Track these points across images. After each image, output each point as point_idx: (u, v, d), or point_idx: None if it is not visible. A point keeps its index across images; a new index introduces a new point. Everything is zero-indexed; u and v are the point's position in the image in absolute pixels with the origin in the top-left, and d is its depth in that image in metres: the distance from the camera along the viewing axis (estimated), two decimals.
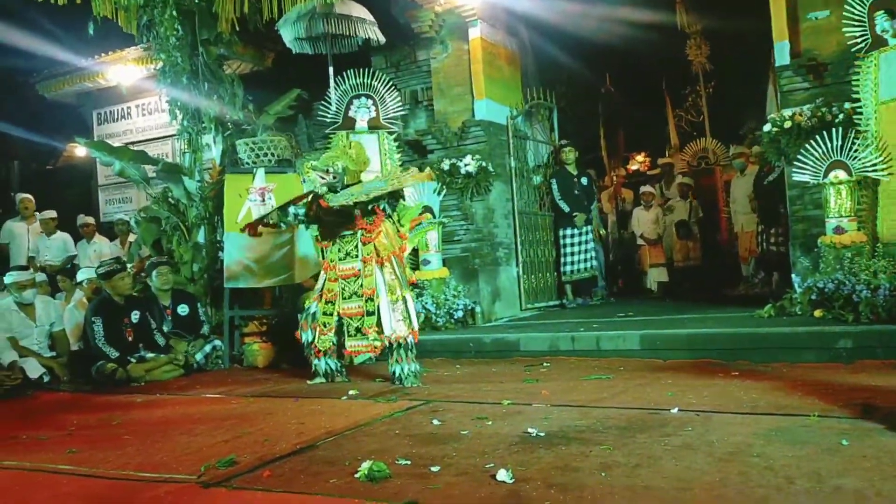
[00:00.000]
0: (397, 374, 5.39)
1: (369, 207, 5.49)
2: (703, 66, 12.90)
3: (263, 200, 7.42)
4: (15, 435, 4.54)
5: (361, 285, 5.50)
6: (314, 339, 5.65)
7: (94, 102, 12.00)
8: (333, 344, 5.62)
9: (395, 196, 5.65)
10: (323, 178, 5.49)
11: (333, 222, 5.62)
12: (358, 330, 5.51)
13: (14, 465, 3.72)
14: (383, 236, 5.55)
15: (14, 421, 5.10)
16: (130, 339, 6.80)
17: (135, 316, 6.91)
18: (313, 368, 5.73)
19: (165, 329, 7.12)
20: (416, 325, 5.48)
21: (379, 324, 5.41)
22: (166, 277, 7.30)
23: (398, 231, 5.72)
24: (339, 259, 5.62)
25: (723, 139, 11.91)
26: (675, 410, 3.86)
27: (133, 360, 6.66)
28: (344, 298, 5.57)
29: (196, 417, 4.72)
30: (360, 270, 5.53)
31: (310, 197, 5.66)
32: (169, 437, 4.12)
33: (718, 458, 2.97)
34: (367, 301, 5.47)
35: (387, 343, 5.39)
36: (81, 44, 10.60)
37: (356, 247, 5.57)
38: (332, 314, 5.59)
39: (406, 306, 5.43)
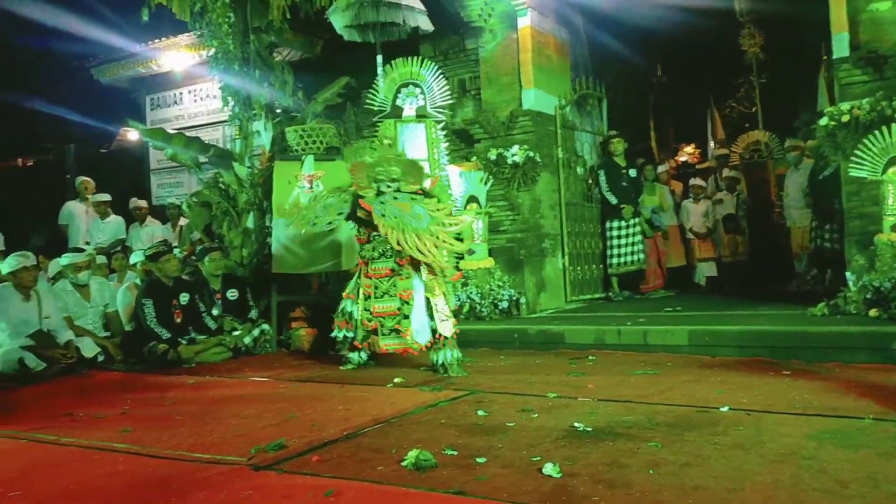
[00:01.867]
0: (440, 362, 5.43)
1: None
2: (756, 56, 12.61)
3: (311, 187, 7.47)
4: (71, 412, 4.68)
5: (395, 286, 5.58)
6: (355, 335, 5.76)
7: (148, 87, 12.22)
8: (367, 336, 5.73)
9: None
10: (388, 187, 5.55)
11: (369, 223, 5.65)
12: (393, 330, 5.58)
13: (71, 441, 3.84)
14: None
15: (70, 398, 5.26)
16: (179, 320, 6.94)
17: (184, 298, 7.05)
18: (345, 358, 5.90)
19: (215, 313, 7.26)
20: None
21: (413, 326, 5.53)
22: (218, 263, 7.45)
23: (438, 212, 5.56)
24: (373, 258, 5.67)
25: (776, 131, 11.64)
26: (725, 409, 3.81)
27: (183, 341, 6.81)
28: (377, 297, 5.62)
29: (245, 400, 4.81)
30: (393, 270, 5.61)
31: (349, 194, 5.79)
32: (219, 419, 4.21)
33: (770, 459, 2.92)
34: (403, 304, 5.55)
35: (427, 343, 5.53)
36: (135, 29, 10.81)
37: (392, 248, 5.55)
38: (370, 310, 5.66)
39: (447, 303, 5.56)
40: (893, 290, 5.67)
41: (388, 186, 5.57)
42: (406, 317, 5.52)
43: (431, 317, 5.54)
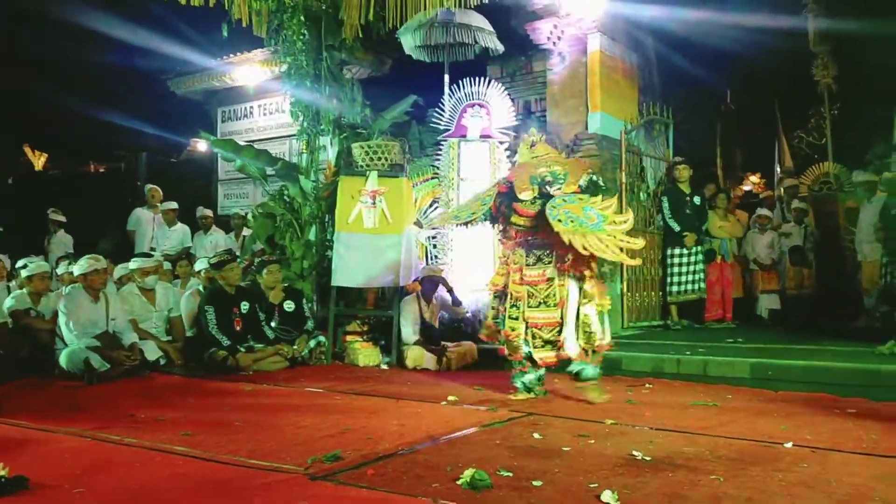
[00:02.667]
0: (576, 371, 5.09)
1: None
2: (828, 87, 12.32)
3: (374, 203, 7.57)
4: (134, 414, 4.80)
5: (554, 294, 5.07)
6: (509, 345, 5.24)
7: (220, 100, 12.55)
8: (525, 347, 5.18)
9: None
10: (558, 189, 5.10)
11: (526, 227, 5.22)
12: (548, 342, 5.12)
13: (134, 442, 3.94)
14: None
15: (133, 400, 5.39)
16: (239, 328, 7.06)
17: (244, 307, 7.18)
18: (515, 383, 5.28)
19: (273, 324, 7.37)
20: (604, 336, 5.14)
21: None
22: (276, 276, 7.54)
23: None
24: (528, 264, 5.16)
25: (846, 164, 11.33)
26: (788, 445, 3.70)
27: (242, 349, 6.93)
28: (530, 307, 5.11)
29: (301, 409, 4.87)
30: (551, 278, 5.09)
31: (493, 193, 5.37)
32: (276, 427, 4.27)
33: (837, 499, 2.84)
34: (561, 312, 5.06)
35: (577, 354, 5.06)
36: (211, 44, 11.15)
37: (550, 252, 5.11)
38: (517, 318, 5.13)
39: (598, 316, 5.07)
40: None
41: (552, 187, 5.10)
42: (563, 326, 5.04)
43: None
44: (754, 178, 15.34)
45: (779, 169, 13.27)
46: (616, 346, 7.35)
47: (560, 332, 5.04)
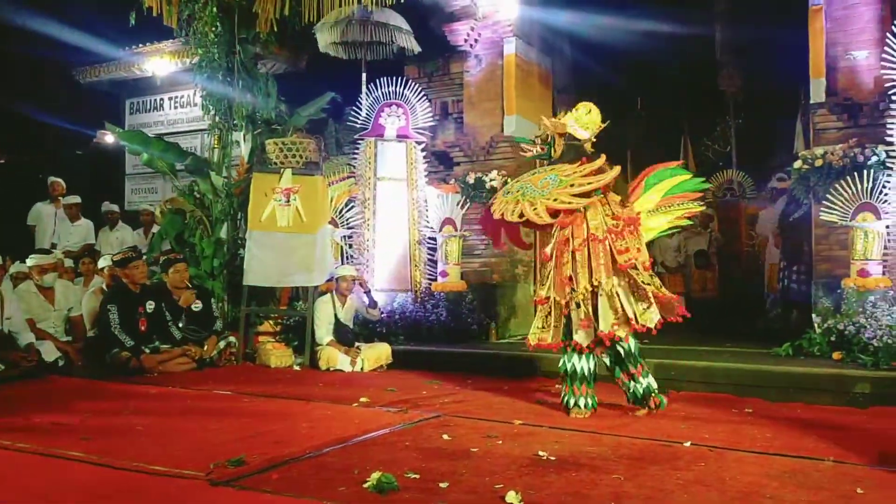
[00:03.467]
0: (633, 392, 4.67)
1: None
2: (734, 97, 12.82)
3: (288, 201, 7.45)
4: (30, 418, 4.57)
5: (555, 274, 4.71)
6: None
7: (129, 91, 12.14)
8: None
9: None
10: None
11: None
12: (553, 324, 4.74)
13: (27, 448, 3.75)
14: (585, 220, 4.66)
15: (28, 403, 5.13)
16: (143, 328, 6.81)
17: (150, 306, 6.94)
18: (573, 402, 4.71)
19: (180, 324, 7.14)
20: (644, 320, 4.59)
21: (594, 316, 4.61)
22: (182, 275, 7.29)
23: (613, 214, 4.71)
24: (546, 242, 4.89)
25: (749, 172, 11.82)
26: (687, 444, 3.82)
27: (147, 350, 6.70)
28: (541, 285, 4.89)
29: (207, 413, 4.74)
30: (552, 256, 4.74)
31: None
32: (180, 432, 4.14)
33: (731, 497, 2.94)
34: (570, 292, 4.63)
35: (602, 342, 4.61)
36: (118, 33, 10.74)
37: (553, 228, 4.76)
38: (547, 298, 4.81)
39: (615, 303, 4.58)
40: (857, 335, 5.75)
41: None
42: (578, 305, 4.61)
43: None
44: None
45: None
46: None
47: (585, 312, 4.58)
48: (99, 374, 6.55)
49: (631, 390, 4.72)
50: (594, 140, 4.92)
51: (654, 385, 4.74)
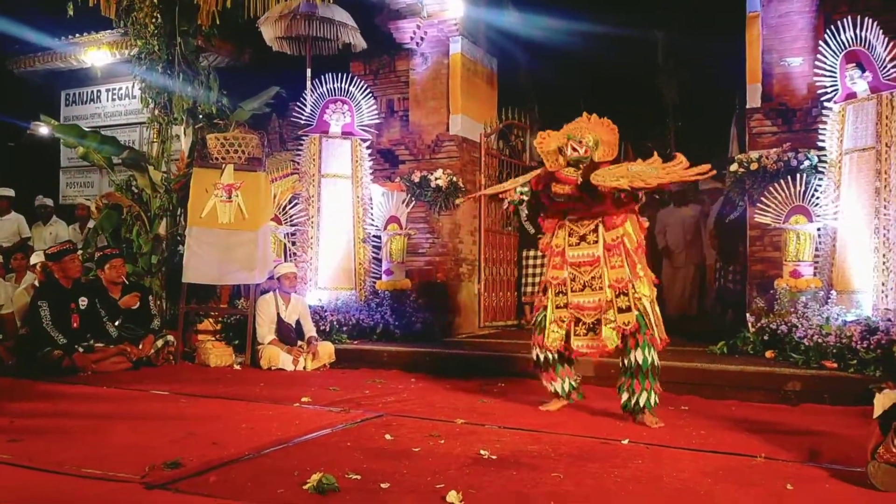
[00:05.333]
0: (627, 404, 4.45)
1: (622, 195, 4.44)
2: (673, 101, 13.08)
3: (230, 197, 7.33)
4: None
5: (602, 276, 4.51)
6: (546, 365, 4.77)
7: (64, 83, 11.77)
8: (562, 342, 4.67)
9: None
10: (575, 151, 4.60)
11: (565, 204, 4.70)
12: (591, 329, 4.55)
13: None
14: (630, 224, 4.58)
15: None
16: (76, 326, 6.61)
17: (83, 303, 6.74)
18: (551, 391, 4.84)
19: (116, 322, 6.95)
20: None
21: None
22: (118, 271, 7.09)
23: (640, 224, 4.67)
24: (571, 244, 4.64)
25: None
26: (625, 441, 3.89)
27: (80, 348, 6.50)
28: (574, 291, 4.59)
29: (143, 414, 4.63)
30: (601, 258, 4.53)
31: (539, 172, 4.87)
32: (114, 433, 4.03)
33: (667, 493, 3.00)
34: (619, 295, 4.46)
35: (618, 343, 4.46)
36: (54, 23, 10.40)
37: (595, 230, 4.58)
38: (565, 306, 4.63)
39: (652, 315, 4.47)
40: (789, 334, 5.94)
41: (578, 151, 4.61)
42: (623, 310, 4.44)
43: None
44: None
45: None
46: (472, 345, 7.54)
47: (623, 318, 4.43)
48: (30, 373, 6.33)
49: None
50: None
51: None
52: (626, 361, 4.47)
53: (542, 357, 4.77)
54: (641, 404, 4.36)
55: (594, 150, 4.67)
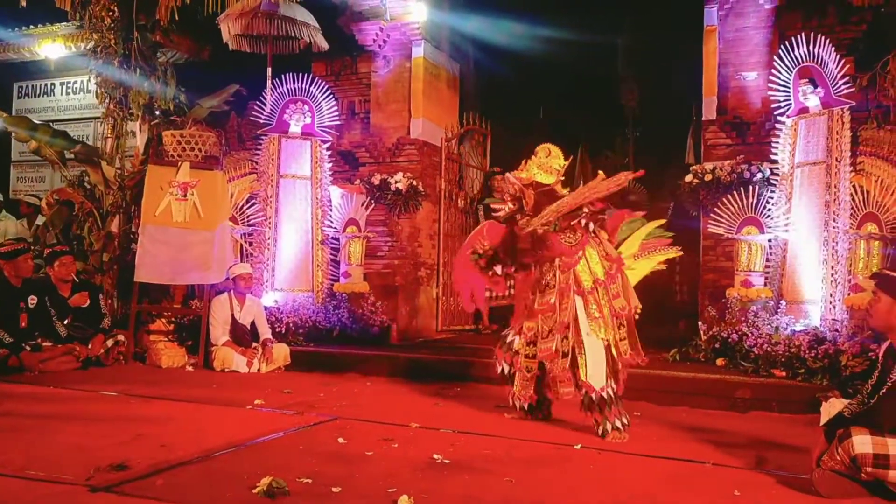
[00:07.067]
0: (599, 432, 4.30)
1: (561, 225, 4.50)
2: (633, 111, 13.25)
3: (185, 196, 7.22)
4: None
5: (556, 321, 4.48)
6: (512, 379, 4.69)
7: (17, 75, 11.48)
8: (535, 394, 4.63)
9: (597, 212, 4.59)
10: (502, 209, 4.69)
11: (529, 250, 4.66)
12: (553, 375, 4.51)
13: None
14: (588, 262, 4.52)
15: None
16: (24, 324, 6.44)
17: (31, 301, 6.56)
18: (511, 403, 4.74)
19: (65, 321, 6.78)
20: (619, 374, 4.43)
21: (574, 366, 4.39)
22: (68, 268, 6.90)
23: (606, 254, 4.60)
24: (539, 291, 4.59)
25: (646, 184, 12.24)
26: (578, 447, 3.92)
27: (28, 347, 6.34)
28: (542, 338, 4.53)
29: (91, 415, 4.53)
30: (555, 304, 4.49)
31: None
32: (59, 434, 3.94)
33: (617, 498, 3.03)
34: (562, 339, 4.44)
35: (582, 394, 4.35)
36: (7, 13, 10.14)
37: (554, 275, 4.53)
38: (534, 357, 4.57)
39: (611, 353, 4.40)
40: (740, 342, 6.05)
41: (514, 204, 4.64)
42: (564, 355, 4.40)
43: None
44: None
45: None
46: (429, 348, 7.54)
47: (562, 363, 4.40)
48: None
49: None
50: (562, 179, 4.83)
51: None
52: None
53: (506, 371, 4.74)
54: (609, 430, 4.24)
55: (523, 197, 4.65)
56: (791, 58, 6.47)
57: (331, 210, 8.37)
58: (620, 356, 4.42)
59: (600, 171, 4.57)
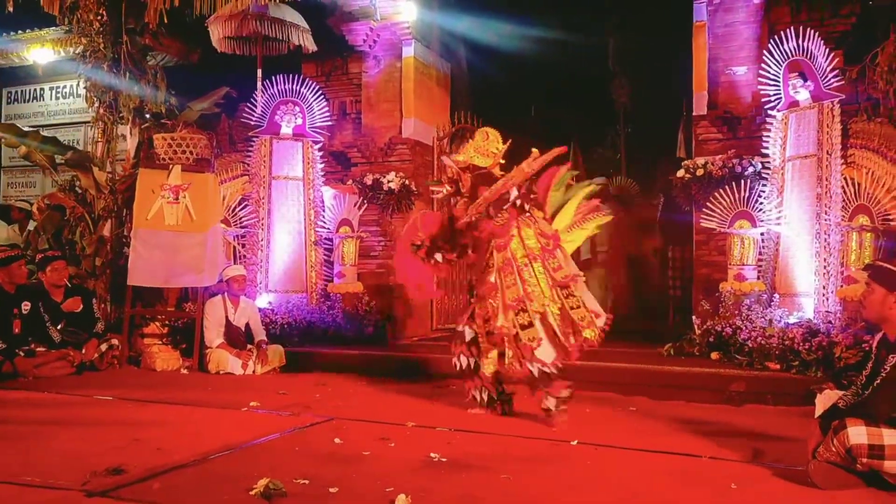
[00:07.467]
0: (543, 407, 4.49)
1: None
2: (624, 106, 13.28)
3: (177, 199, 7.19)
4: None
5: (503, 299, 4.54)
6: (472, 365, 4.76)
7: (5, 80, 11.45)
8: (494, 387, 4.75)
9: (526, 190, 4.68)
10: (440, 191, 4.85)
11: (464, 234, 4.79)
12: (508, 349, 4.57)
13: None
14: (522, 239, 4.62)
15: None
16: (18, 330, 6.41)
17: (25, 307, 6.53)
18: (470, 397, 4.85)
19: (59, 326, 6.75)
20: (569, 347, 4.55)
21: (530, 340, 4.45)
22: (60, 273, 6.87)
23: (542, 232, 4.68)
24: (481, 273, 4.73)
25: (637, 179, 12.27)
26: (574, 443, 3.93)
27: (21, 353, 6.31)
28: (493, 317, 4.61)
29: (86, 420, 4.51)
30: (497, 283, 4.58)
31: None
32: (55, 440, 3.91)
33: (614, 495, 3.03)
34: (517, 314, 4.49)
35: (529, 369, 4.46)
36: None
37: (492, 255, 4.66)
38: (492, 334, 4.64)
39: (550, 324, 4.50)
40: (734, 336, 6.07)
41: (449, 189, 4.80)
42: (525, 326, 4.46)
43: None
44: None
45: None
46: (424, 347, 7.54)
47: (526, 334, 4.45)
48: None
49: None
50: (503, 162, 4.88)
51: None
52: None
53: (464, 364, 4.80)
54: (552, 406, 4.40)
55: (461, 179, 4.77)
56: (780, 52, 6.49)
57: (324, 211, 8.36)
58: (572, 324, 4.50)
59: (534, 150, 4.60)
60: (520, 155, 4.82)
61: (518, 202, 4.63)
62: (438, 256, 4.85)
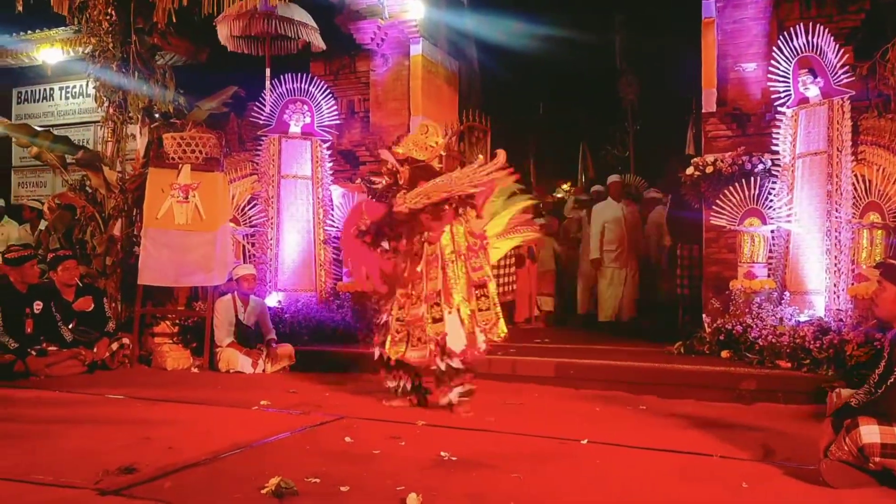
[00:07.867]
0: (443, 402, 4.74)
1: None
2: (632, 104, 13.25)
3: (187, 198, 7.21)
4: None
5: (424, 289, 4.72)
6: (387, 366, 4.96)
7: (15, 80, 11.50)
8: (407, 377, 4.95)
9: (467, 197, 4.80)
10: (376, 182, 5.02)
11: (402, 223, 4.91)
12: (419, 339, 4.72)
13: None
14: (453, 235, 4.79)
15: None
16: (30, 330, 6.45)
17: (37, 307, 6.57)
18: (388, 387, 5.04)
19: (70, 325, 6.79)
20: (478, 344, 4.76)
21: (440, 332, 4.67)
22: (71, 273, 6.90)
23: (471, 231, 4.85)
24: (409, 261, 4.84)
25: (646, 176, 12.24)
26: (585, 441, 3.92)
27: (33, 352, 6.34)
28: (412, 304, 4.78)
29: (97, 419, 4.52)
30: (422, 272, 4.75)
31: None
32: (66, 439, 3.94)
33: (624, 494, 3.03)
34: (431, 307, 4.69)
35: (438, 364, 4.67)
36: (4, 19, 10.14)
37: (422, 246, 4.80)
38: (403, 321, 4.81)
39: (460, 318, 4.69)
40: (744, 334, 6.04)
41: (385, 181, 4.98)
42: (437, 320, 4.66)
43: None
44: (565, 186, 16.23)
45: (583, 178, 14.07)
46: None
47: (435, 327, 4.65)
48: None
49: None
50: (442, 154, 5.01)
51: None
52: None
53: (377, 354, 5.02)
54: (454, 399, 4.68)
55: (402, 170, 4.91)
56: (790, 48, 6.46)
57: (332, 209, 8.37)
58: (476, 325, 4.74)
59: (480, 156, 4.83)
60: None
61: (456, 205, 4.78)
62: (385, 244, 5.01)
